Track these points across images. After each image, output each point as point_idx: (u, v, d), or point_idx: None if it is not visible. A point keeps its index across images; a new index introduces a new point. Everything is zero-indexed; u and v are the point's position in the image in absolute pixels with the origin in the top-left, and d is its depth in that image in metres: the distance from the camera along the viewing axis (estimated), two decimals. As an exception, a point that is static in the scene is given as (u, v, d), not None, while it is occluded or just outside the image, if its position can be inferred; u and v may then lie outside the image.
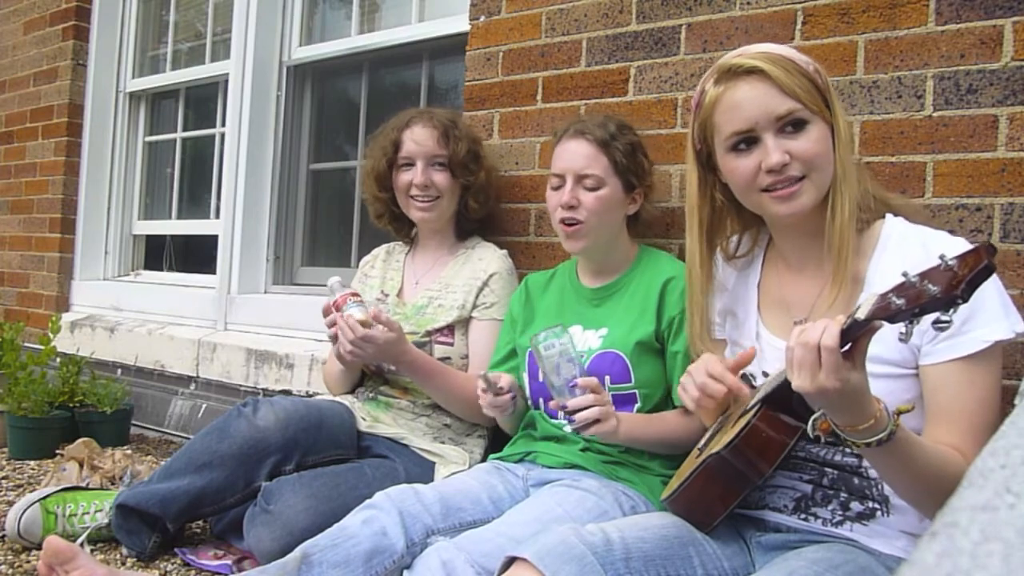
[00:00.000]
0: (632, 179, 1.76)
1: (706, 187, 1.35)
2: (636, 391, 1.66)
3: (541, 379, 1.72)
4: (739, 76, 1.23)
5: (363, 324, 1.79)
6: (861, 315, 0.96)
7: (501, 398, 1.65)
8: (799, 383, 1.00)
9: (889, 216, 1.28)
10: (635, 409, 1.66)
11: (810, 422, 1.08)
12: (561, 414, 1.69)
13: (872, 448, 1.03)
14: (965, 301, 0.87)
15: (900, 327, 0.92)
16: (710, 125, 1.28)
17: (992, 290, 1.14)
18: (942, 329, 0.90)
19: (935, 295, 0.87)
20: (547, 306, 1.85)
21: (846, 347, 0.99)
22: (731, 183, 1.30)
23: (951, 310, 0.88)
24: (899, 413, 1.03)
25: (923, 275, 0.90)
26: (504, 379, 1.66)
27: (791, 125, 1.22)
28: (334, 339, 1.86)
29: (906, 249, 1.21)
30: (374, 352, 1.82)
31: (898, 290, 0.91)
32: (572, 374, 1.49)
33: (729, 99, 1.24)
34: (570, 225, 1.72)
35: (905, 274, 0.91)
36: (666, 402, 1.68)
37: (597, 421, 1.46)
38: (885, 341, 1.11)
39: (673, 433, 1.59)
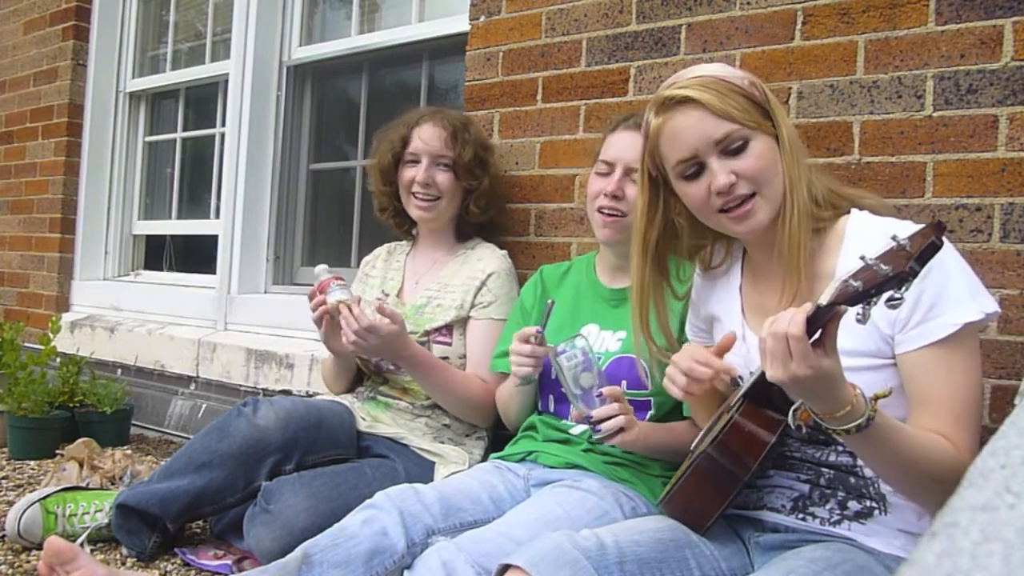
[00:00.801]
0: None
1: (655, 211, 1.36)
2: (651, 398, 1.64)
3: (555, 378, 1.72)
4: (673, 107, 1.25)
5: (344, 304, 1.83)
6: (824, 301, 0.99)
7: (541, 348, 1.64)
8: (773, 373, 1.03)
9: (854, 211, 1.29)
10: (648, 416, 1.65)
11: (790, 413, 1.10)
12: (577, 425, 1.68)
13: (853, 435, 1.04)
14: (915, 276, 0.91)
15: (857, 309, 0.96)
16: (659, 154, 1.30)
17: (958, 274, 1.15)
18: (895, 307, 0.94)
19: (888, 274, 0.92)
20: (562, 300, 1.83)
21: (816, 335, 1.01)
22: (689, 207, 1.32)
23: (903, 287, 0.92)
24: (876, 398, 1.05)
25: (879, 257, 0.94)
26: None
27: (732, 146, 1.24)
28: (319, 323, 1.91)
29: (870, 240, 1.21)
30: (377, 344, 1.82)
31: (856, 274, 0.95)
32: (593, 383, 1.50)
33: (669, 130, 1.26)
34: (610, 215, 1.72)
35: (863, 258, 0.95)
36: (677, 411, 1.67)
37: (622, 430, 1.47)
38: (860, 334, 1.13)
39: (684, 444, 1.58)
